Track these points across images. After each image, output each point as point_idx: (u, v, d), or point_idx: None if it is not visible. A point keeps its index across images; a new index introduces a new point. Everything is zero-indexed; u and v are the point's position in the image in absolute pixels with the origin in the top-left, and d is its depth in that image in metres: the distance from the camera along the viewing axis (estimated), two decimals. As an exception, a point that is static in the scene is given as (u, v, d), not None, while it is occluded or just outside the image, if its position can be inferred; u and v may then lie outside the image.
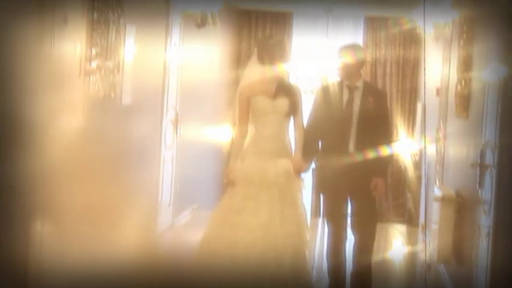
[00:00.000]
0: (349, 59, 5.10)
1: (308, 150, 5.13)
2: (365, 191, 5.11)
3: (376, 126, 5.13)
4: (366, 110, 5.10)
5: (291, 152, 5.02)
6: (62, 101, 3.90)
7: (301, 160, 5.03)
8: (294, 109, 4.96)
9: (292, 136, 5.12)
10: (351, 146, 5.11)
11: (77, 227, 4.08)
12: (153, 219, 6.45)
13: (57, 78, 3.88)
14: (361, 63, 5.22)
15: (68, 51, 4.09)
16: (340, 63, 5.15)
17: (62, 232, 4.00)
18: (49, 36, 3.67)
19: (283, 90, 4.95)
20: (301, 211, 4.97)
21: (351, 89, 5.14)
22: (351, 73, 5.14)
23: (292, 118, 5.04)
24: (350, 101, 5.14)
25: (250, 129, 4.94)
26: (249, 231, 4.74)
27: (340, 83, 5.18)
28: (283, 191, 4.88)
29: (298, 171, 5.01)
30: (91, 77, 4.43)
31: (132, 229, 4.65)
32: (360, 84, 5.16)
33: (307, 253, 4.98)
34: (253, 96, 4.91)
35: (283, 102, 4.90)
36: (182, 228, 7.34)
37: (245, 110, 4.94)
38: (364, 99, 5.12)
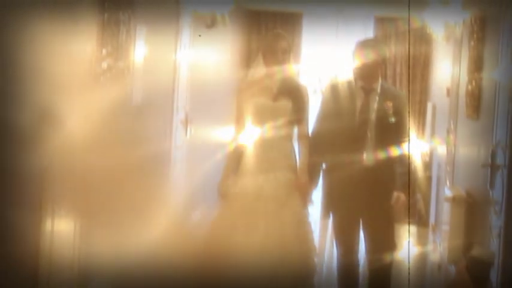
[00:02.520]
0: (367, 56, 4.47)
1: (313, 164, 4.45)
2: (381, 210, 4.49)
3: (394, 133, 4.48)
4: (384, 117, 4.45)
5: (295, 163, 4.42)
6: (73, 102, 3.92)
7: (307, 179, 4.38)
8: (298, 114, 4.36)
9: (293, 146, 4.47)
10: (365, 157, 4.46)
11: (87, 223, 4.09)
12: (163, 219, 6.47)
13: (68, 78, 3.90)
14: (380, 62, 4.57)
15: (78, 51, 4.10)
16: (356, 61, 4.49)
17: (73, 228, 4.02)
18: (60, 36, 3.68)
19: (286, 91, 4.35)
20: (305, 230, 4.35)
21: (367, 92, 4.48)
22: (368, 73, 4.48)
23: (296, 124, 4.41)
24: (365, 106, 4.48)
25: (249, 136, 4.40)
26: (242, 251, 4.13)
27: (354, 84, 4.52)
28: (283, 207, 4.27)
29: (304, 192, 4.37)
30: (102, 78, 4.45)
31: (142, 229, 4.66)
32: (376, 86, 4.50)
33: (313, 280, 4.32)
34: (251, 98, 4.38)
35: (284, 105, 4.32)
36: (192, 228, 7.35)
37: (243, 113, 4.43)
38: (382, 104, 4.46)
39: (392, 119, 4.46)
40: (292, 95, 4.36)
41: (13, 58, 3.24)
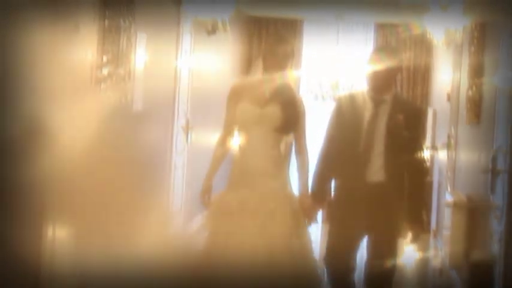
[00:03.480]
0: (379, 65, 4.14)
1: (321, 184, 4.17)
2: (387, 227, 4.19)
3: (404, 149, 4.15)
4: (394, 130, 4.12)
5: (285, 173, 4.09)
6: (73, 108, 3.92)
7: (310, 200, 4.07)
8: (291, 123, 4.00)
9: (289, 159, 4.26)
10: (370, 176, 4.14)
11: (87, 230, 4.09)
12: (163, 225, 6.46)
13: (69, 85, 3.90)
14: (394, 71, 4.23)
15: (79, 58, 4.11)
16: (368, 70, 4.18)
17: (73, 235, 4.02)
18: (61, 43, 3.69)
19: (279, 97, 3.99)
20: (300, 243, 3.98)
21: (377, 102, 4.17)
22: (379, 83, 4.16)
23: (292, 137, 4.11)
24: (373, 118, 4.16)
25: (235, 142, 4.12)
26: (231, 270, 3.78)
27: (364, 94, 4.22)
28: (271, 220, 3.89)
29: (310, 213, 4.05)
30: (102, 84, 4.45)
31: (142, 235, 4.67)
32: (388, 97, 4.18)
33: None
34: (240, 101, 4.04)
35: (273, 111, 3.95)
36: (193, 234, 7.34)
37: (231, 118, 4.09)
38: (393, 117, 4.13)
39: (404, 133, 4.11)
40: (285, 104, 4.01)
41: (13, 65, 3.25)
